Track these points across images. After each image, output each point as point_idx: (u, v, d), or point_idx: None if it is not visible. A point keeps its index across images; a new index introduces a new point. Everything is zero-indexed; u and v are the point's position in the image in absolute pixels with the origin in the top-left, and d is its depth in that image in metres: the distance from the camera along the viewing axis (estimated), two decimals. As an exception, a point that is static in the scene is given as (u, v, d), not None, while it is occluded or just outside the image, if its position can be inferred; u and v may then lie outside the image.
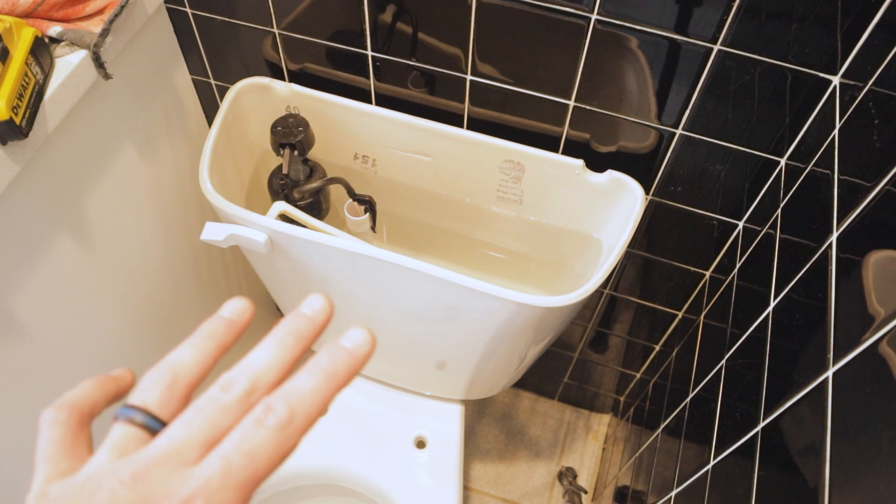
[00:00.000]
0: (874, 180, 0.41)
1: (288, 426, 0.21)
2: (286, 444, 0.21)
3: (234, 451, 0.20)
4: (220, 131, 0.68)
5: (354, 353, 0.23)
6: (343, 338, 0.23)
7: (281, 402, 0.21)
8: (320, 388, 0.22)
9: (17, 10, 0.57)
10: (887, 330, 0.33)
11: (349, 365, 0.23)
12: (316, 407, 0.21)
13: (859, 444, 0.33)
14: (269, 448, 0.20)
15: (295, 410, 0.21)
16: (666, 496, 0.68)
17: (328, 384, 0.22)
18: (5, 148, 0.53)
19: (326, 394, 0.22)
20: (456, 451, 0.89)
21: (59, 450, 0.22)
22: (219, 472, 0.20)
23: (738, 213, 0.69)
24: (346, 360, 0.23)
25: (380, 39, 0.67)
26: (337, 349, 0.23)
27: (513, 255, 0.80)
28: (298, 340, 0.23)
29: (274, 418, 0.20)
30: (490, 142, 0.68)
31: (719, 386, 0.61)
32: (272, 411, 0.21)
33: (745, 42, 0.54)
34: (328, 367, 0.22)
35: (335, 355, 0.23)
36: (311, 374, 0.22)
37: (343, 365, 0.23)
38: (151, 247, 0.82)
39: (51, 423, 0.23)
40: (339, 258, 0.63)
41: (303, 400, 0.21)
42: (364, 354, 0.23)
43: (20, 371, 0.64)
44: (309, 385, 0.22)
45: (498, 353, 0.72)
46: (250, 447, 0.20)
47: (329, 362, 0.22)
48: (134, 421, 0.22)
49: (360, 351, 0.23)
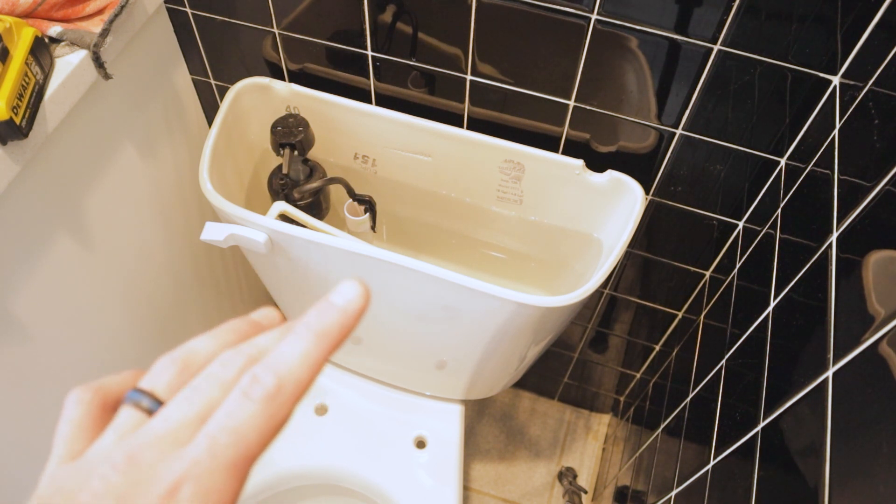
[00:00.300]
0: (874, 180, 0.41)
1: (277, 396, 0.19)
2: (277, 416, 0.19)
3: (221, 429, 0.19)
4: (220, 131, 0.68)
5: (346, 311, 0.21)
6: (333, 293, 0.21)
7: (268, 371, 0.20)
8: (310, 352, 0.20)
9: (17, 10, 0.57)
10: (887, 330, 0.33)
11: (340, 324, 0.21)
12: (306, 372, 0.20)
13: (859, 444, 0.33)
14: (259, 421, 0.19)
15: (283, 379, 0.19)
16: (666, 496, 0.68)
17: (318, 347, 0.20)
18: (5, 148, 0.53)
19: (317, 357, 0.20)
20: (456, 451, 0.89)
21: (76, 430, 0.21)
22: (206, 453, 0.19)
23: (738, 213, 0.69)
24: (338, 319, 0.21)
25: (380, 39, 0.67)
26: (327, 307, 0.21)
27: (513, 255, 0.80)
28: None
29: (261, 389, 0.19)
30: (490, 142, 0.68)
31: (719, 386, 0.61)
32: (258, 382, 0.19)
33: (745, 42, 0.54)
34: (317, 327, 0.21)
35: (325, 314, 0.21)
36: (299, 337, 0.20)
37: (334, 324, 0.21)
38: (151, 247, 0.82)
39: (74, 402, 0.22)
40: (339, 258, 0.63)
41: (291, 367, 0.20)
42: (357, 310, 0.21)
43: (20, 371, 0.64)
44: (297, 349, 0.20)
45: (498, 353, 0.72)
46: (237, 423, 0.19)
47: (318, 322, 0.21)
48: (139, 405, 0.21)
49: (352, 307, 0.21)
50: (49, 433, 0.23)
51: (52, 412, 0.78)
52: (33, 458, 0.69)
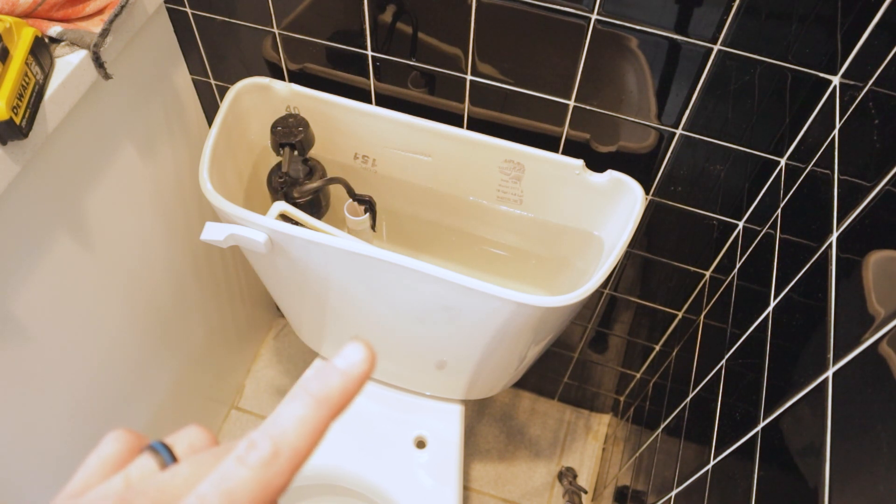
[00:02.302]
0: (874, 180, 0.41)
1: (272, 463, 0.19)
2: (272, 483, 0.19)
3: (212, 490, 0.18)
4: (220, 131, 0.68)
5: (348, 374, 0.20)
6: (337, 356, 0.21)
7: (264, 437, 0.19)
8: (309, 418, 0.19)
9: (17, 10, 0.57)
10: (887, 330, 0.33)
11: (342, 389, 0.20)
12: (304, 440, 0.19)
13: (859, 444, 0.33)
14: (252, 486, 0.18)
15: (280, 445, 0.19)
16: (666, 496, 0.68)
17: (318, 413, 0.20)
18: (5, 148, 0.53)
19: (317, 424, 0.19)
20: (456, 451, 0.89)
21: (99, 465, 0.21)
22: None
23: (738, 213, 0.69)
24: (339, 384, 0.20)
25: (380, 39, 0.67)
26: (328, 371, 0.20)
27: (513, 252, 0.80)
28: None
29: (256, 455, 0.19)
30: (490, 142, 0.68)
31: (719, 386, 0.61)
32: (255, 448, 0.19)
33: (745, 42, 0.54)
34: (318, 392, 0.20)
35: (326, 378, 0.20)
36: (299, 401, 0.20)
37: (336, 389, 0.20)
38: (151, 247, 0.82)
39: (112, 439, 0.22)
40: (339, 258, 0.63)
41: (288, 433, 0.19)
42: (360, 375, 0.20)
43: (21, 371, 0.64)
44: (296, 415, 0.19)
45: (498, 353, 0.72)
46: (229, 486, 0.18)
47: (319, 387, 0.20)
48: (156, 455, 0.21)
49: (355, 371, 0.20)
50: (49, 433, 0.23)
51: (53, 412, 0.78)
52: (33, 458, 0.69)
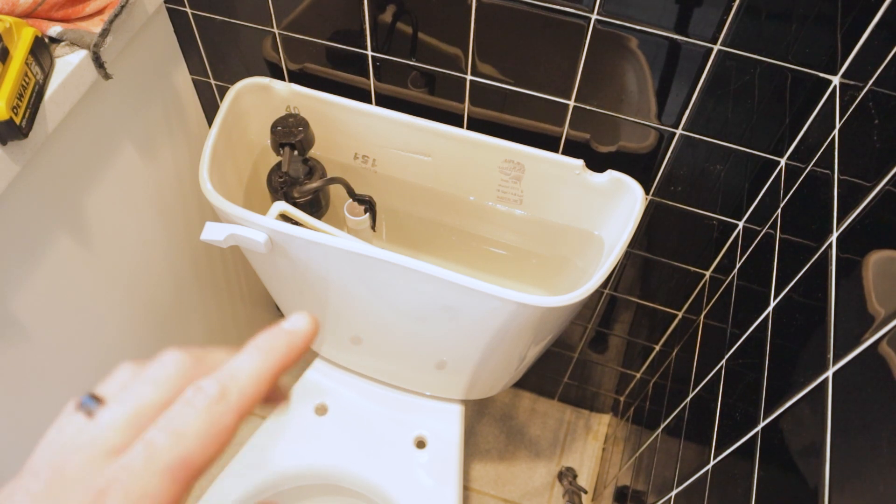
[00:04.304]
0: (874, 180, 0.41)
1: (218, 403, 0.19)
2: (219, 423, 0.19)
3: (159, 431, 0.18)
4: (220, 131, 0.68)
5: (293, 332, 0.22)
6: (284, 321, 0.23)
7: (211, 380, 0.20)
8: (255, 366, 0.21)
9: (17, 10, 0.57)
10: (887, 330, 0.33)
11: (287, 343, 0.22)
12: (251, 384, 0.20)
13: (859, 444, 0.33)
14: (198, 426, 0.19)
15: (227, 387, 0.20)
16: (666, 496, 0.68)
17: (264, 361, 0.21)
18: (5, 148, 0.53)
19: (262, 371, 0.21)
20: (456, 451, 0.89)
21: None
22: (141, 456, 0.18)
23: (738, 213, 0.69)
24: (284, 339, 0.22)
25: (380, 39, 0.67)
26: (274, 330, 0.22)
27: (514, 251, 0.80)
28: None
29: (203, 397, 0.19)
30: (490, 142, 0.68)
31: (719, 386, 0.61)
32: (201, 390, 0.19)
33: (745, 42, 0.54)
34: (265, 345, 0.22)
35: (272, 334, 0.22)
36: (246, 352, 0.21)
37: (280, 343, 0.22)
38: (151, 247, 0.82)
39: None
40: (339, 258, 0.63)
41: (235, 377, 0.20)
42: (304, 333, 0.22)
43: (20, 371, 0.64)
44: (242, 363, 0.21)
45: (498, 352, 0.72)
46: (175, 426, 0.18)
47: (266, 341, 0.22)
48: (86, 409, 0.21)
49: (298, 329, 0.22)
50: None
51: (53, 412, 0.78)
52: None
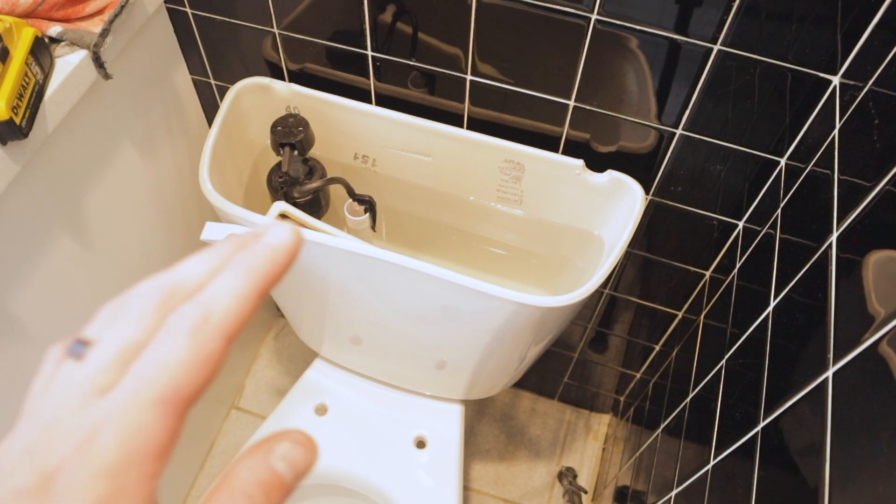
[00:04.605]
0: (874, 180, 0.41)
1: (203, 327, 0.18)
2: (206, 349, 0.18)
3: (145, 364, 0.18)
4: (220, 131, 0.68)
5: (275, 247, 0.21)
6: (265, 234, 0.21)
7: (192, 305, 0.19)
8: (237, 284, 0.20)
9: (17, 10, 0.57)
10: (887, 330, 0.33)
11: (270, 259, 0.20)
12: (235, 305, 0.19)
13: (859, 444, 0.33)
14: (185, 353, 0.18)
15: (210, 310, 0.19)
16: (666, 496, 0.68)
17: (247, 280, 0.20)
18: (5, 148, 0.53)
19: (246, 290, 0.20)
20: (456, 451, 0.89)
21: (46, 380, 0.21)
22: (130, 390, 0.18)
23: (738, 213, 0.69)
24: (266, 254, 0.20)
25: (380, 39, 0.67)
26: (255, 245, 0.21)
27: (514, 251, 0.80)
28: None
29: (186, 322, 0.18)
30: (490, 142, 0.68)
31: (719, 386, 0.61)
32: (183, 317, 0.19)
33: (745, 42, 0.54)
34: (245, 263, 0.20)
35: (253, 250, 0.21)
36: (226, 272, 0.20)
37: (262, 259, 0.20)
38: (151, 247, 0.82)
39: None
40: (339, 258, 0.63)
41: (217, 299, 0.19)
42: (286, 246, 0.21)
43: (20, 371, 0.64)
44: (223, 283, 0.20)
45: (498, 352, 0.72)
46: (160, 356, 0.18)
47: (247, 259, 0.20)
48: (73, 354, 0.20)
49: (280, 242, 0.21)
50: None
51: (52, 412, 0.77)
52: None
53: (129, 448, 0.17)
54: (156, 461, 0.17)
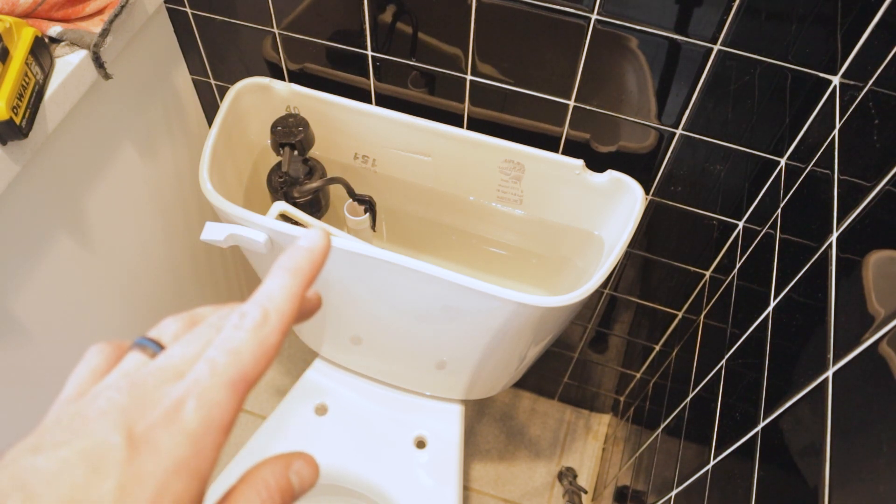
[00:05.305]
0: (874, 180, 0.41)
1: (264, 324, 0.22)
2: (267, 341, 0.22)
3: (218, 352, 0.21)
4: (220, 131, 0.68)
5: (312, 250, 0.25)
6: (300, 239, 0.25)
7: (253, 305, 0.23)
8: (287, 285, 0.24)
9: (17, 10, 0.57)
10: (887, 330, 0.33)
11: (310, 260, 0.25)
12: (287, 303, 0.23)
13: (859, 444, 0.33)
14: (251, 346, 0.22)
15: (268, 310, 0.23)
16: (666, 496, 0.68)
17: (294, 280, 0.24)
18: (5, 148, 0.53)
19: (294, 290, 0.24)
20: (456, 451, 0.89)
21: (90, 373, 0.24)
22: (207, 373, 0.21)
23: (738, 213, 0.69)
24: (306, 257, 0.24)
25: (380, 39, 0.67)
26: (295, 249, 0.25)
27: (514, 251, 0.80)
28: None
29: (249, 320, 0.22)
30: (490, 142, 0.68)
31: (719, 386, 0.61)
32: (246, 315, 0.22)
33: (745, 42, 0.54)
34: (290, 265, 0.24)
35: (295, 254, 0.25)
36: (276, 276, 0.24)
37: (304, 261, 0.24)
38: (151, 247, 0.82)
39: (95, 352, 0.25)
40: (339, 258, 0.63)
41: (273, 299, 0.23)
42: (321, 248, 0.25)
43: (20, 371, 0.64)
44: (276, 285, 0.23)
45: (498, 352, 0.72)
46: (232, 346, 0.21)
47: (291, 262, 0.24)
48: (145, 349, 0.24)
49: (317, 245, 0.25)
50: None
51: (52, 412, 0.77)
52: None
53: (209, 418, 0.20)
54: (224, 433, 0.21)
